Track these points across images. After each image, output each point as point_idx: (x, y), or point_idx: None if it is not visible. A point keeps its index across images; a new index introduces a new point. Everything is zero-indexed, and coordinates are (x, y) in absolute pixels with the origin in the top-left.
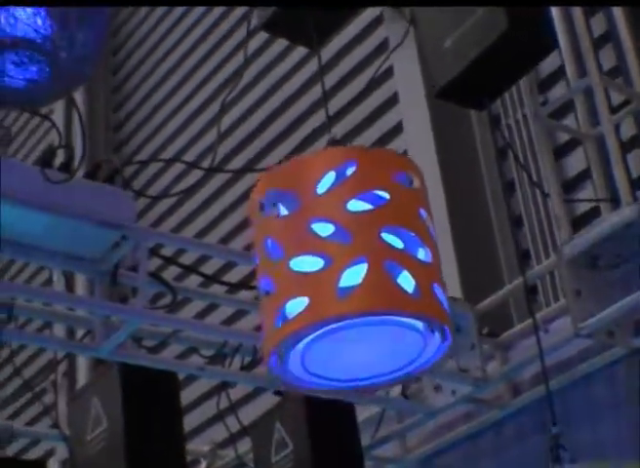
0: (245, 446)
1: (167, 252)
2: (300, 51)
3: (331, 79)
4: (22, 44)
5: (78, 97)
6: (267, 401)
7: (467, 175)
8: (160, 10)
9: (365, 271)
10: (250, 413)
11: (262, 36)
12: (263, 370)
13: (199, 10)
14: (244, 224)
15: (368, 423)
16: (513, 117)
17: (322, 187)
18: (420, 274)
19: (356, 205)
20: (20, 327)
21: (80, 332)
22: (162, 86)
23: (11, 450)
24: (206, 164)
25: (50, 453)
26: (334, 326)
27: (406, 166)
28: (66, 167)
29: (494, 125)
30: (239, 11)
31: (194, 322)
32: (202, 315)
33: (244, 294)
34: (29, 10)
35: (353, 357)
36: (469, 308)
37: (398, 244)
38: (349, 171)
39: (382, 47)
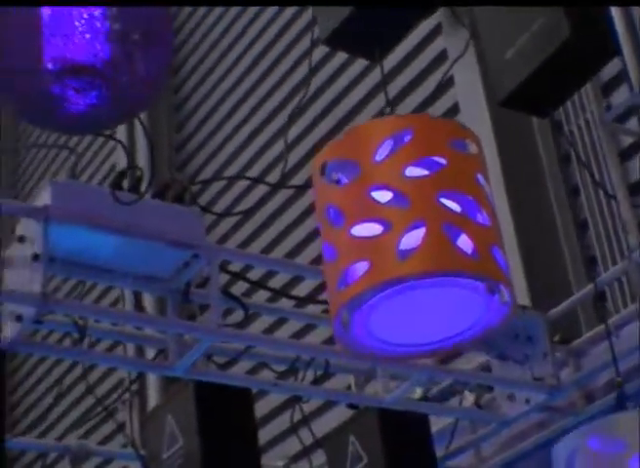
0: (319, 459)
1: (233, 268)
2: (361, 63)
3: (391, 91)
4: (83, 69)
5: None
6: (340, 413)
7: (531, 181)
8: (220, 26)
9: (424, 234)
10: (323, 426)
11: (322, 50)
12: (335, 384)
13: (259, 25)
14: (310, 238)
15: (441, 434)
16: (575, 123)
17: (380, 155)
18: (479, 237)
19: (414, 171)
20: (90, 346)
21: (149, 351)
22: (224, 103)
23: None
24: (270, 179)
25: None
26: (394, 288)
27: (463, 133)
28: (135, 188)
29: (556, 131)
30: (298, 25)
31: (267, 338)
32: (270, 330)
33: (312, 308)
34: (88, 35)
35: (416, 321)
36: (540, 316)
37: (456, 208)
38: (406, 138)
39: (441, 58)
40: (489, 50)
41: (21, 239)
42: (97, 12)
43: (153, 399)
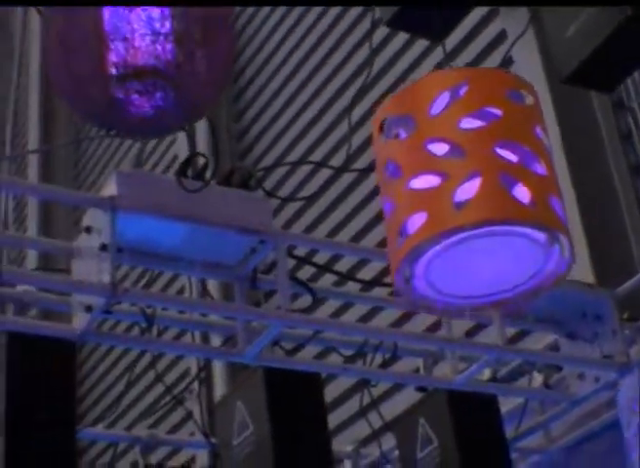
0: (388, 442)
1: (298, 252)
2: (421, 44)
3: None
4: (145, 72)
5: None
6: (408, 396)
7: (592, 158)
8: (278, 12)
9: (479, 184)
10: (391, 409)
11: (383, 31)
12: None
13: (317, 9)
14: (375, 221)
15: (510, 415)
16: (636, 100)
17: (436, 108)
18: (536, 186)
19: (470, 122)
20: (156, 335)
21: (214, 339)
22: (284, 89)
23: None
24: (333, 162)
25: (191, 461)
26: (452, 239)
27: (519, 84)
28: (200, 175)
29: (617, 108)
30: (358, 7)
31: (335, 322)
32: (337, 314)
33: (378, 291)
34: (148, 38)
35: (477, 273)
36: (608, 293)
37: (512, 158)
38: (462, 90)
39: (500, 38)
40: (550, 28)
41: (88, 229)
42: (155, 13)
43: (219, 387)
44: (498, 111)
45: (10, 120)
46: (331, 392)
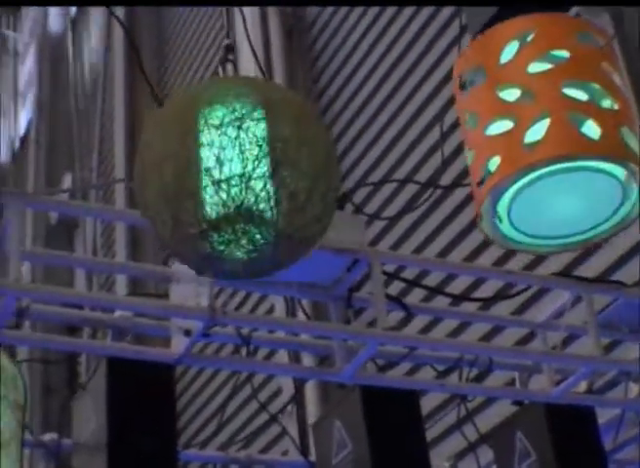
0: (485, 456)
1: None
2: None
3: None
4: (246, 213)
5: None
6: (501, 408)
7: None
8: (363, 23)
9: (549, 125)
10: (485, 422)
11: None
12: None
13: (402, 20)
14: (462, 235)
15: (607, 426)
16: None
17: (506, 56)
18: (606, 121)
19: (538, 67)
20: (247, 355)
21: (305, 358)
22: (368, 105)
23: None
24: (419, 177)
25: None
26: (526, 178)
27: (587, 27)
28: None
29: None
30: (444, 14)
31: (431, 339)
32: (426, 330)
33: (467, 306)
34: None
35: (557, 214)
36: None
37: (581, 96)
38: (530, 36)
39: None
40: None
41: None
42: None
43: (311, 406)
44: (565, 53)
45: (96, 147)
46: (424, 406)
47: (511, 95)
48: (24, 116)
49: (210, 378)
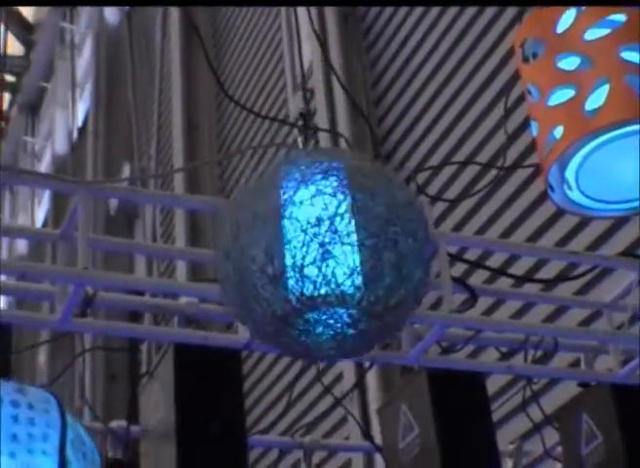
0: (550, 438)
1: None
2: None
3: None
4: (331, 300)
5: (342, 120)
6: (566, 389)
7: None
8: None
9: (608, 90)
10: (550, 403)
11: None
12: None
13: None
14: (523, 216)
15: None
16: None
17: (562, 25)
18: None
19: (594, 33)
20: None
21: None
22: (424, 90)
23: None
24: (480, 159)
25: (348, 464)
26: (589, 145)
27: None
28: None
29: None
30: None
31: (496, 321)
32: (489, 312)
33: (530, 287)
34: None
35: (624, 179)
36: None
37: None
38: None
39: None
40: None
41: None
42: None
43: (372, 391)
44: (620, 17)
45: (154, 136)
46: (489, 388)
47: (570, 63)
48: (82, 107)
49: (273, 362)
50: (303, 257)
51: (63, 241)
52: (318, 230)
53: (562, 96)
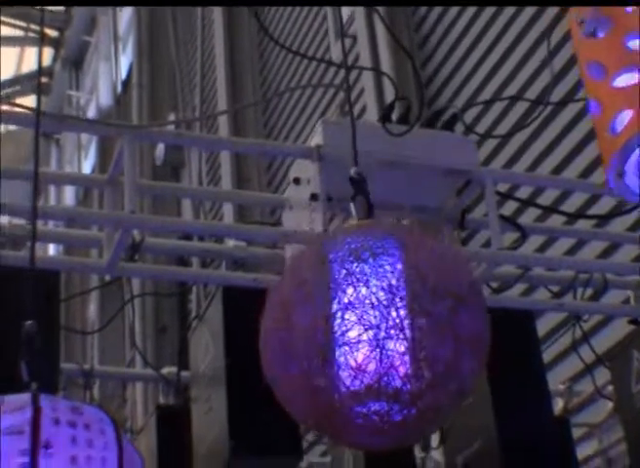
0: (601, 378)
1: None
2: None
3: None
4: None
5: (385, 63)
6: (618, 329)
7: None
8: None
9: None
10: (601, 344)
11: None
12: (614, 301)
13: None
14: (575, 152)
15: None
16: None
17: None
18: None
19: None
20: None
21: None
22: (470, 28)
23: None
24: (529, 95)
25: None
26: None
27: None
28: (405, 119)
29: None
30: None
31: (545, 257)
32: (540, 250)
33: (582, 224)
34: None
35: None
36: None
37: None
38: None
39: None
40: None
41: (297, 181)
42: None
43: None
44: None
45: (198, 85)
46: (539, 329)
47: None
48: (126, 60)
49: None
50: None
51: (110, 186)
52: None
53: (631, 78)
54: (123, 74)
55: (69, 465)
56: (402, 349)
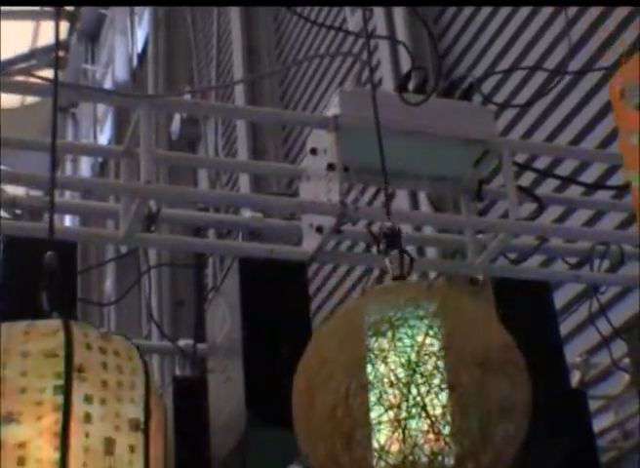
0: (618, 350)
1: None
2: None
3: None
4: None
5: (401, 33)
6: (636, 302)
7: None
8: None
9: None
10: (618, 316)
11: None
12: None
13: None
14: (593, 123)
15: None
16: None
17: None
18: None
19: None
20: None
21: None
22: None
23: None
24: (547, 65)
25: None
26: None
27: None
28: (422, 88)
29: None
30: None
31: (563, 228)
32: (559, 221)
33: (601, 194)
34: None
35: None
36: None
37: None
38: None
39: None
40: None
41: (314, 151)
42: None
43: None
44: None
45: (214, 59)
46: (556, 302)
47: None
48: (141, 33)
49: (341, 280)
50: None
51: (126, 157)
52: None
53: None
54: (139, 48)
55: (101, 389)
56: (425, 427)
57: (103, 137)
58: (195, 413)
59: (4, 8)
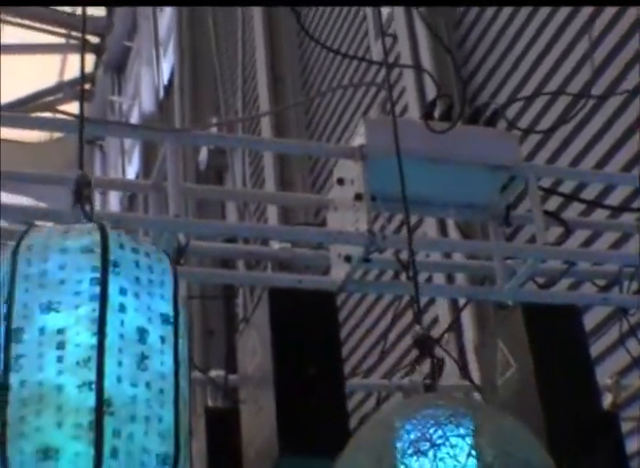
0: None
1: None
2: None
3: None
4: None
5: (425, 60)
6: None
7: None
8: None
9: None
10: None
11: None
12: None
13: None
14: (618, 145)
15: None
16: None
17: None
18: None
19: None
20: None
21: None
22: (514, 19)
23: None
24: (570, 89)
25: None
26: None
27: None
28: (447, 116)
29: None
30: None
31: (591, 252)
32: (585, 244)
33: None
34: None
35: None
36: None
37: None
38: None
39: None
40: None
41: (341, 181)
42: None
43: (468, 332)
44: None
45: (239, 88)
46: (585, 324)
47: None
48: (167, 64)
49: (370, 307)
50: None
51: (155, 191)
52: None
53: None
54: (165, 78)
55: (134, 283)
56: None
57: (132, 169)
58: (228, 444)
59: (31, 42)
